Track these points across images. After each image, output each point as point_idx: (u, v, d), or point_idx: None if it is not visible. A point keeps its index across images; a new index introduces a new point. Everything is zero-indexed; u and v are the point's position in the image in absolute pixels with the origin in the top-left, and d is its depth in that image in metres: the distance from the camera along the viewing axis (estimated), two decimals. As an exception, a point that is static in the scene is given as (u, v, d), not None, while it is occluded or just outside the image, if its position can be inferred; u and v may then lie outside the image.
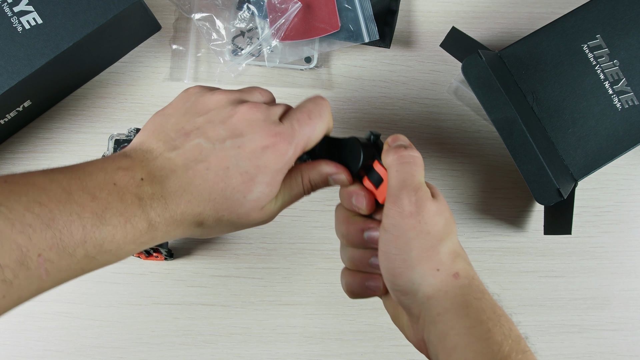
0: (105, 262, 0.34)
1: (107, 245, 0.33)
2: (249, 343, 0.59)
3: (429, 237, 0.38)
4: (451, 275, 0.37)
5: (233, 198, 0.37)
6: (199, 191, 0.36)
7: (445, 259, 0.38)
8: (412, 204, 0.38)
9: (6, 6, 0.52)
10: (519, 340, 0.36)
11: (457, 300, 0.36)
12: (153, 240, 0.36)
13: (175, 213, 0.36)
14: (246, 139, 0.37)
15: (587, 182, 0.60)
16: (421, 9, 0.63)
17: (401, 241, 0.38)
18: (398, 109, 0.62)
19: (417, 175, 0.39)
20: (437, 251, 0.38)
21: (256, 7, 0.60)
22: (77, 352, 0.58)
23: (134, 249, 0.35)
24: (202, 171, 0.36)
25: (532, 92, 0.53)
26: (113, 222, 0.33)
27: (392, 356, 0.59)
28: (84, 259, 0.32)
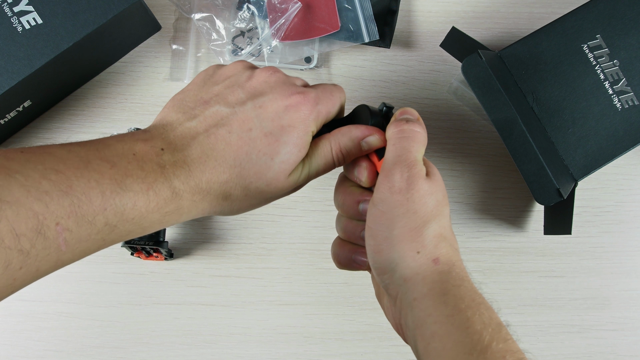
0: (128, 232, 0.32)
1: (128, 212, 0.32)
2: (249, 343, 0.59)
3: (415, 217, 0.36)
4: (431, 260, 0.36)
5: (260, 162, 0.36)
6: (223, 156, 0.35)
7: (427, 242, 0.36)
8: (404, 180, 0.36)
9: (6, 6, 0.52)
10: (499, 328, 0.34)
11: (435, 287, 0.35)
12: (179, 210, 0.34)
13: (200, 181, 0.35)
14: (267, 98, 0.36)
15: (587, 182, 0.60)
16: (421, 9, 0.63)
17: (386, 217, 0.37)
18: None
19: (414, 151, 0.38)
20: (420, 233, 0.36)
21: (256, 7, 0.60)
22: (77, 352, 0.58)
23: (159, 220, 0.33)
24: (225, 135, 0.35)
25: (532, 92, 0.53)
26: (134, 189, 0.32)
27: (392, 356, 0.59)
28: (104, 227, 0.31)
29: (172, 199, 0.33)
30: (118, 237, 0.32)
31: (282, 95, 0.37)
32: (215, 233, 0.60)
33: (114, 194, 0.31)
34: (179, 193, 0.34)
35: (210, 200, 0.36)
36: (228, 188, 0.36)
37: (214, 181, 0.35)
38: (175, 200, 0.34)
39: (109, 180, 0.31)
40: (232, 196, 0.36)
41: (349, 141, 0.40)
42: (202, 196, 0.35)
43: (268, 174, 0.36)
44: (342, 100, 0.40)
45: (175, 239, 0.60)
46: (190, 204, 0.35)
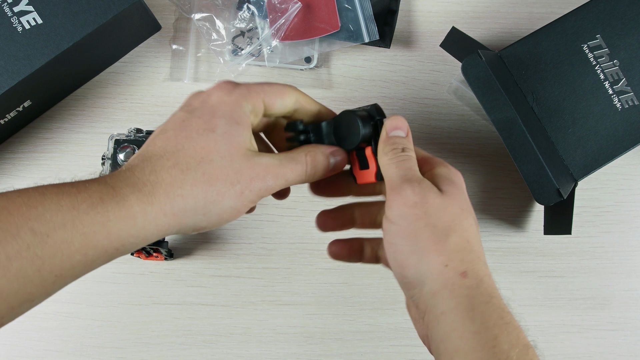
0: (65, 243, 0.30)
1: (54, 217, 0.30)
2: (249, 343, 0.59)
3: (436, 230, 0.36)
4: (459, 273, 0.35)
5: (201, 139, 0.35)
6: (162, 150, 0.35)
7: (454, 255, 0.36)
8: (417, 194, 0.36)
9: (6, 6, 0.52)
10: (526, 350, 0.34)
11: (463, 302, 0.35)
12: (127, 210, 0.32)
13: (143, 174, 0.34)
14: (194, 100, 0.37)
15: (587, 182, 0.60)
16: (421, 9, 0.63)
17: (409, 231, 0.36)
18: (398, 109, 0.62)
19: (416, 172, 0.38)
20: (445, 245, 0.36)
21: (256, 7, 0.60)
22: (77, 352, 0.58)
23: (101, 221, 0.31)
24: (160, 136, 0.36)
25: (532, 92, 0.53)
26: (57, 192, 0.31)
27: (392, 356, 0.59)
28: (33, 239, 0.30)
29: (111, 196, 0.32)
30: (57, 252, 0.31)
31: (207, 93, 0.37)
32: (215, 233, 0.60)
33: (36, 202, 0.31)
34: (116, 188, 0.32)
35: (164, 192, 0.33)
36: (177, 173, 0.34)
37: (160, 170, 0.34)
38: (114, 197, 0.32)
39: (33, 192, 0.31)
40: (186, 182, 0.34)
41: (320, 153, 0.39)
42: (148, 189, 0.33)
43: (216, 149, 0.35)
44: (291, 88, 0.39)
45: (175, 239, 0.60)
46: (138, 201, 0.33)
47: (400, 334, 0.59)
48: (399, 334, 0.59)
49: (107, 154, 0.56)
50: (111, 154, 0.56)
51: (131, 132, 0.57)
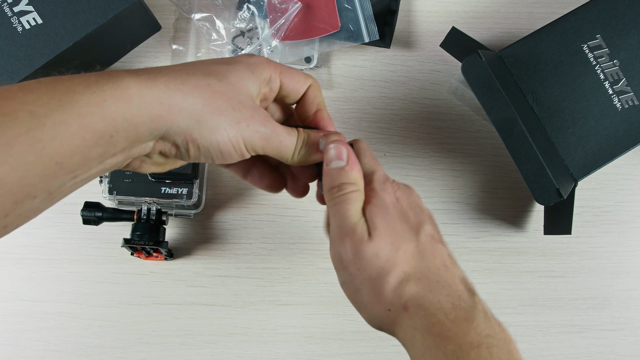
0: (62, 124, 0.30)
1: (50, 99, 0.30)
2: (249, 343, 0.59)
3: (373, 282, 0.37)
4: (402, 309, 0.36)
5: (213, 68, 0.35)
6: (168, 69, 0.34)
7: (391, 296, 0.37)
8: (349, 251, 0.37)
9: (6, 6, 0.52)
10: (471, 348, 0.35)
11: (411, 332, 0.36)
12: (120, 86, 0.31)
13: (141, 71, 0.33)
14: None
15: (587, 182, 0.60)
16: (421, 9, 0.63)
17: (352, 290, 0.38)
18: (398, 109, 0.62)
19: (350, 216, 0.38)
20: (383, 293, 0.37)
21: (256, 7, 0.60)
22: (77, 352, 0.58)
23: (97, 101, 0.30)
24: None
25: (532, 92, 0.53)
26: (54, 79, 0.31)
27: (392, 356, 0.59)
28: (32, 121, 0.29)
29: (108, 79, 0.31)
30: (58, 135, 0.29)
31: None
32: (215, 233, 0.60)
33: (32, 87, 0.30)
34: (116, 74, 0.32)
35: (164, 79, 0.33)
36: (183, 73, 0.34)
37: (162, 70, 0.33)
38: (112, 79, 0.31)
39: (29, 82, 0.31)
40: (194, 76, 0.34)
41: (313, 134, 0.39)
42: (152, 75, 0.32)
43: (230, 75, 0.35)
44: (306, 75, 0.40)
45: (175, 239, 0.60)
46: (138, 82, 0.32)
47: (400, 334, 0.59)
48: (399, 334, 0.59)
49: (107, 154, 0.56)
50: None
51: (131, 132, 0.57)
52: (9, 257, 0.59)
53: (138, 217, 0.55)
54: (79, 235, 0.59)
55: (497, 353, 0.35)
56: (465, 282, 0.38)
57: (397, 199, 0.39)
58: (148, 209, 0.55)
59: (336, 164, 0.38)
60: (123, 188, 0.56)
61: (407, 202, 0.39)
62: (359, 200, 0.38)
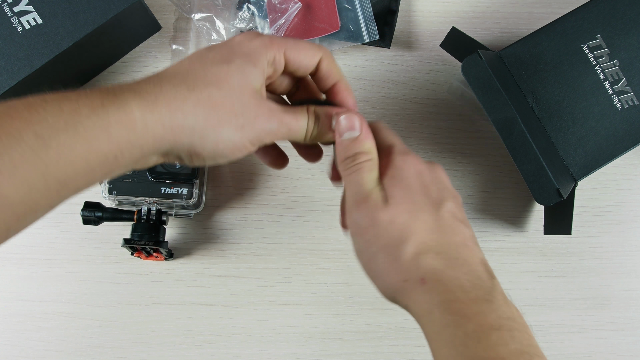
0: (69, 148, 0.30)
1: (57, 121, 0.30)
2: (249, 343, 0.59)
3: (389, 249, 0.36)
4: (418, 282, 0.35)
5: (215, 67, 0.35)
6: (173, 73, 0.35)
7: (408, 266, 0.36)
8: (365, 216, 0.37)
9: (6, 6, 0.52)
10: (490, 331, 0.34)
11: (426, 307, 0.35)
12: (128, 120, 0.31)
13: (148, 86, 0.33)
14: None
15: (587, 182, 0.60)
16: (421, 9, 0.63)
17: (367, 258, 0.37)
18: (398, 109, 0.62)
19: (365, 183, 0.37)
20: (399, 261, 0.36)
21: (256, 7, 0.60)
22: (77, 352, 0.58)
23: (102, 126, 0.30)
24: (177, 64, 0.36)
25: (532, 92, 0.53)
26: (58, 98, 0.31)
27: (392, 356, 0.59)
28: (36, 142, 0.29)
29: (112, 102, 0.31)
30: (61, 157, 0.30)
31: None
32: (215, 233, 0.60)
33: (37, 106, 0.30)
34: (120, 95, 0.32)
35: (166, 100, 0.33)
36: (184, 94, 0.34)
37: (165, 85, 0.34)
38: (116, 103, 0.31)
39: (33, 99, 0.31)
40: (193, 104, 0.34)
41: (323, 111, 0.39)
42: (152, 101, 0.32)
43: (229, 76, 0.35)
44: (316, 48, 0.38)
45: (175, 239, 0.60)
46: (141, 107, 0.32)
47: (400, 334, 0.59)
48: (399, 334, 0.59)
49: (107, 154, 0.56)
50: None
51: (131, 132, 0.57)
52: (9, 257, 0.59)
53: (138, 217, 0.55)
54: (79, 235, 0.59)
55: (518, 336, 0.34)
56: (485, 265, 0.37)
57: (420, 172, 0.38)
58: (148, 209, 0.55)
59: (349, 134, 0.38)
60: (123, 188, 0.56)
61: (431, 176, 0.39)
62: (374, 169, 0.38)
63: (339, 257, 0.60)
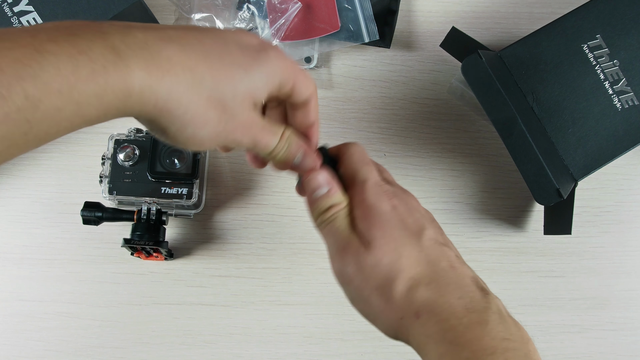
0: (57, 110, 0.27)
1: (52, 81, 0.26)
2: (249, 343, 0.59)
3: (381, 290, 0.36)
4: (413, 316, 0.36)
5: (232, 68, 0.33)
6: (191, 45, 0.31)
7: (403, 303, 0.36)
8: (350, 264, 0.37)
9: (6, 6, 0.52)
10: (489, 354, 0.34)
11: (424, 340, 0.35)
12: (127, 88, 0.29)
13: (158, 52, 0.30)
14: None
15: (587, 182, 0.60)
16: (421, 9, 0.63)
17: (361, 302, 0.38)
18: (398, 109, 0.62)
19: (342, 231, 0.38)
20: (393, 300, 0.36)
21: (256, 7, 0.60)
22: (77, 352, 0.58)
23: (97, 94, 0.28)
24: (198, 36, 0.33)
25: (532, 92, 0.53)
26: (56, 52, 0.27)
27: (392, 356, 0.59)
28: (25, 102, 0.26)
29: (115, 68, 0.28)
30: (48, 119, 0.27)
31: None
32: (215, 233, 0.60)
33: (31, 60, 0.26)
34: (125, 60, 0.28)
35: (172, 80, 0.30)
36: (195, 74, 0.31)
37: (177, 59, 0.30)
38: (119, 70, 0.28)
39: (26, 48, 0.26)
40: (202, 84, 0.32)
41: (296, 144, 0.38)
42: (160, 71, 0.30)
43: (238, 84, 0.33)
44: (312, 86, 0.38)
45: (175, 239, 0.60)
46: (144, 80, 0.29)
47: (400, 334, 0.59)
48: (399, 334, 0.59)
49: (107, 154, 0.56)
50: (111, 154, 0.56)
51: (131, 132, 0.57)
52: (9, 257, 0.59)
53: (138, 217, 0.55)
54: (79, 235, 0.59)
55: (512, 358, 0.34)
56: (476, 281, 0.37)
57: (394, 206, 0.38)
58: (148, 209, 0.55)
59: (319, 192, 0.39)
60: (123, 188, 0.56)
61: (405, 207, 0.39)
62: (346, 216, 0.38)
63: (339, 257, 0.60)
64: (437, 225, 0.40)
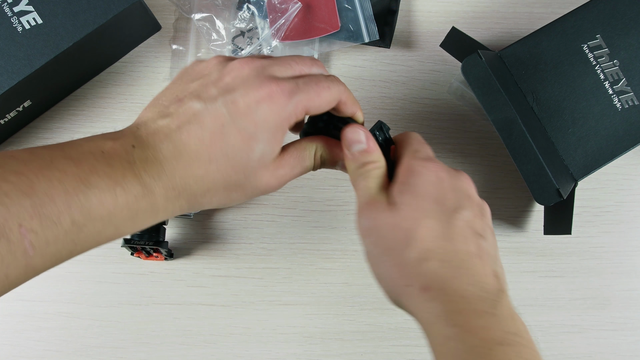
0: (98, 232, 0.32)
1: (95, 210, 0.31)
2: (249, 343, 0.59)
3: (393, 252, 0.37)
4: (421, 289, 0.36)
5: (236, 157, 0.35)
6: (196, 152, 0.34)
7: (412, 271, 0.36)
8: (368, 218, 0.38)
9: (6, 6, 0.52)
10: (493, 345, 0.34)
11: (427, 316, 0.35)
12: (153, 208, 0.34)
13: (173, 177, 0.34)
14: (238, 93, 0.35)
15: (587, 182, 0.60)
16: (421, 9, 0.63)
17: (373, 258, 0.38)
18: (398, 109, 0.62)
19: (372, 188, 0.39)
20: (403, 265, 0.36)
21: (256, 7, 0.60)
22: (77, 352, 0.58)
23: (131, 218, 0.33)
24: (197, 132, 0.34)
25: (532, 92, 0.53)
26: (100, 186, 0.31)
27: (392, 356, 0.59)
28: (72, 227, 0.30)
29: (144, 196, 0.33)
30: (90, 239, 0.32)
31: (253, 88, 0.35)
32: (215, 233, 0.60)
33: (78, 191, 0.30)
34: (151, 189, 0.33)
35: (187, 198, 0.35)
36: (206, 183, 0.35)
37: (189, 176, 0.34)
38: (147, 197, 0.33)
39: (73, 178, 0.30)
40: (211, 191, 0.35)
41: (330, 156, 0.41)
42: (176, 193, 0.34)
43: (246, 170, 0.35)
44: (336, 92, 0.38)
45: (175, 239, 0.60)
46: (165, 201, 0.34)
47: (400, 334, 0.59)
48: (399, 334, 0.59)
49: (107, 154, 0.56)
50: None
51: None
52: (9, 257, 0.59)
53: (138, 217, 0.55)
54: (79, 235, 0.59)
55: (523, 352, 0.33)
56: (497, 277, 0.37)
57: (439, 179, 0.38)
58: (148, 209, 0.55)
59: (356, 147, 0.39)
60: (123, 188, 0.56)
61: (450, 184, 0.39)
62: (381, 176, 0.39)
63: (339, 257, 0.60)
64: (484, 212, 0.40)
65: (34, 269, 0.30)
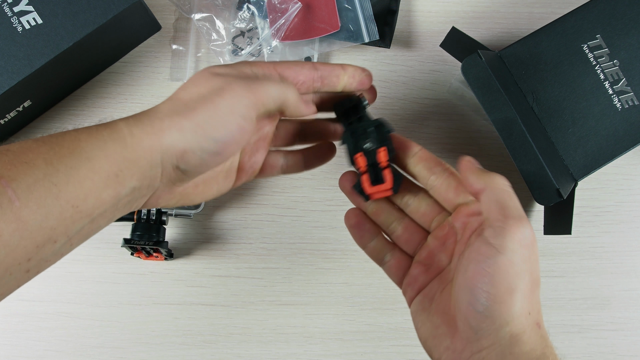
0: (72, 168, 0.33)
1: (67, 146, 0.33)
2: (249, 343, 0.59)
3: (531, 278, 0.36)
4: (535, 323, 0.37)
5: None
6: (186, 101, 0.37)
7: (535, 306, 0.37)
8: (531, 235, 0.36)
9: (6, 6, 0.52)
10: None
11: (537, 348, 0.36)
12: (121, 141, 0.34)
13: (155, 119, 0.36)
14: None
15: (587, 182, 0.60)
16: (421, 9, 0.63)
17: (514, 270, 0.35)
18: (398, 109, 0.62)
19: (517, 206, 0.37)
20: (532, 295, 0.37)
21: (256, 7, 0.60)
22: (77, 352, 0.58)
23: (100, 147, 0.34)
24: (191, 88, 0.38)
25: (532, 92, 0.53)
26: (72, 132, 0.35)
27: (392, 356, 0.59)
28: (46, 167, 0.32)
29: (112, 132, 0.35)
30: (67, 178, 0.32)
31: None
32: (215, 233, 0.60)
33: (51, 137, 0.34)
34: (119, 128, 0.35)
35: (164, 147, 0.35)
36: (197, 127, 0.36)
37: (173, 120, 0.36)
38: (114, 133, 0.35)
39: (52, 137, 0.34)
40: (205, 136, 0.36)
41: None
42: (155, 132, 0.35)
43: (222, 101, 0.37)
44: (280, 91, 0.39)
45: (175, 239, 0.60)
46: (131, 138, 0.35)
47: (400, 334, 0.59)
48: (399, 334, 0.59)
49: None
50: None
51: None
52: (9, 257, 0.59)
53: (138, 217, 0.55)
54: (79, 235, 0.59)
55: None
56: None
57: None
58: (148, 209, 0.55)
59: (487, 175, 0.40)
60: (123, 188, 0.56)
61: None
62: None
63: (339, 257, 0.60)
64: None
65: (25, 223, 0.30)
